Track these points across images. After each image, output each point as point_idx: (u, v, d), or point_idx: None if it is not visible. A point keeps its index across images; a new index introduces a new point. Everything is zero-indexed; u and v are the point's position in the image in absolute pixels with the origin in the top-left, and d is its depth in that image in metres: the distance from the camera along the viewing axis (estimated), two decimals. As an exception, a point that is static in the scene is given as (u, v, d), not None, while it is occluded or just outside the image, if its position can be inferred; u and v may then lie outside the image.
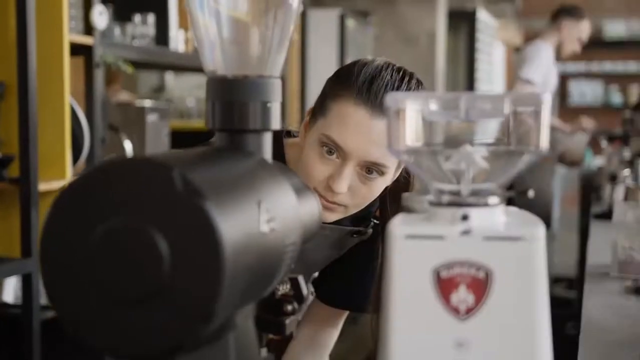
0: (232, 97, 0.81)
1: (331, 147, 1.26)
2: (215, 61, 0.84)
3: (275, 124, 0.83)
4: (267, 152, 0.83)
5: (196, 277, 0.61)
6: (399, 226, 0.70)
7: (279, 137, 1.41)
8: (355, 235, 1.43)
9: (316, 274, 1.51)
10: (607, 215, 2.86)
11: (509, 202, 0.73)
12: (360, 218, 1.42)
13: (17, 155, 2.34)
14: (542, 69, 4.47)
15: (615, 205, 2.07)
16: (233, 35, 0.83)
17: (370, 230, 1.42)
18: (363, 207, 1.32)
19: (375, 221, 1.44)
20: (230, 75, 0.83)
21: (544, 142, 0.70)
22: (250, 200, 0.69)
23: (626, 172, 3.13)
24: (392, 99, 0.72)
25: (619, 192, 2.98)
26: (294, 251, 0.77)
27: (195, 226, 0.61)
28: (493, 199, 0.71)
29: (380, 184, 1.29)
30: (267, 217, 0.70)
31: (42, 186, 2.38)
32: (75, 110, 2.55)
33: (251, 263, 0.66)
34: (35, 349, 2.34)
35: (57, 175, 2.46)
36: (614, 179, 3.24)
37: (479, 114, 0.71)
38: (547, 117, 0.70)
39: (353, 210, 1.31)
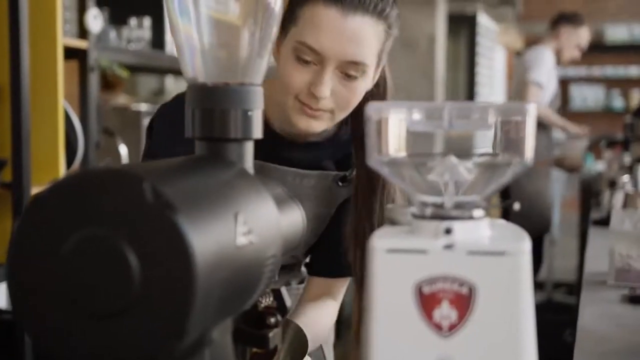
0: (213, 105, 0.80)
1: (307, 54, 1.24)
2: (196, 68, 0.82)
3: (257, 132, 0.81)
4: (249, 161, 0.81)
5: (167, 292, 0.59)
6: (380, 240, 0.68)
7: None
8: (341, 184, 1.41)
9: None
10: (606, 221, 2.83)
11: (505, 211, 0.71)
12: (342, 163, 1.41)
13: (9, 160, 2.32)
14: (547, 73, 4.47)
15: (613, 213, 2.05)
16: (213, 42, 0.81)
17: (354, 173, 1.40)
18: (348, 111, 1.29)
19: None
20: (210, 82, 0.81)
21: (529, 153, 0.68)
22: (227, 212, 0.66)
23: (625, 178, 3.11)
24: (373, 108, 0.70)
25: (618, 198, 2.96)
26: (274, 264, 0.75)
27: (166, 239, 0.59)
28: (478, 212, 0.69)
29: (362, 84, 1.27)
30: (244, 229, 0.68)
31: (35, 191, 2.35)
32: (69, 114, 2.53)
33: (226, 277, 0.64)
34: (28, 354, 2.32)
35: (51, 180, 2.44)
36: (613, 185, 3.22)
37: (463, 124, 0.69)
38: (532, 128, 0.68)
39: (340, 116, 1.29)
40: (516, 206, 0.69)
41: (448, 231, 0.68)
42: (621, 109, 9.92)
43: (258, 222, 0.71)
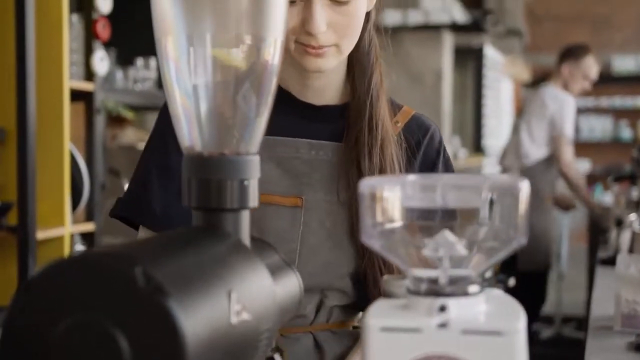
0: (209, 175, 0.79)
1: None
2: (192, 137, 0.82)
3: (254, 201, 0.81)
4: (245, 231, 0.81)
5: (159, 377, 0.59)
6: (374, 318, 0.67)
7: None
8: None
9: None
10: (613, 260, 2.82)
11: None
12: None
13: (15, 203, 2.33)
14: (574, 121, 4.49)
15: (618, 257, 2.03)
16: (210, 111, 0.81)
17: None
18: (354, 38, 1.21)
19: None
20: (206, 152, 0.81)
21: (522, 230, 0.68)
22: (220, 291, 0.66)
23: (632, 216, 3.09)
24: (366, 185, 0.69)
25: (625, 237, 2.95)
26: (269, 337, 0.75)
27: (157, 325, 0.59)
28: (473, 288, 0.69)
29: (358, 5, 1.19)
30: (238, 307, 0.68)
31: (41, 234, 2.36)
32: (75, 157, 2.54)
33: (219, 358, 0.64)
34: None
35: (56, 223, 2.45)
36: (620, 223, 3.20)
37: (456, 200, 0.69)
38: (525, 204, 0.68)
39: (347, 47, 1.21)
40: (511, 282, 0.68)
41: (442, 308, 0.67)
42: (629, 140, 9.92)
43: (252, 298, 0.71)
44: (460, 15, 5.54)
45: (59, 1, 2.44)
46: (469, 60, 7.25)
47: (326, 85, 1.30)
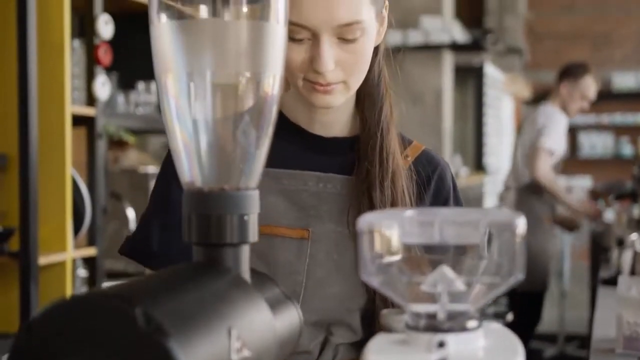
0: (209, 210, 0.80)
1: (296, 32, 1.15)
2: (192, 173, 0.83)
3: (253, 236, 0.82)
4: (245, 265, 0.81)
5: (159, 418, 0.59)
6: (374, 353, 0.68)
7: None
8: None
9: None
10: (615, 280, 2.82)
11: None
12: None
13: (17, 228, 2.33)
14: (559, 138, 4.47)
15: (619, 279, 2.04)
16: (210, 147, 0.82)
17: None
18: (361, 75, 1.20)
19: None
20: (207, 187, 0.82)
21: (520, 267, 0.68)
22: (220, 328, 0.67)
23: (634, 236, 3.09)
24: (363, 222, 0.70)
25: (627, 257, 2.95)
26: (269, 372, 0.75)
27: (158, 365, 0.59)
28: (471, 323, 0.69)
29: (366, 42, 1.18)
30: (238, 344, 0.68)
31: (43, 260, 2.37)
32: (77, 182, 2.55)
33: (219, 396, 0.64)
34: None
35: (58, 248, 2.45)
36: (621, 243, 3.20)
37: (454, 236, 0.70)
38: (522, 239, 0.68)
39: (355, 84, 1.20)
40: (509, 317, 0.68)
41: (441, 344, 0.68)
42: (630, 156, 9.93)
43: (252, 334, 0.71)
44: (460, 35, 5.57)
45: (60, 27, 2.46)
46: (470, 79, 7.28)
47: (335, 119, 1.29)
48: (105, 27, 2.64)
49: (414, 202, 1.24)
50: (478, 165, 7.39)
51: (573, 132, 10.23)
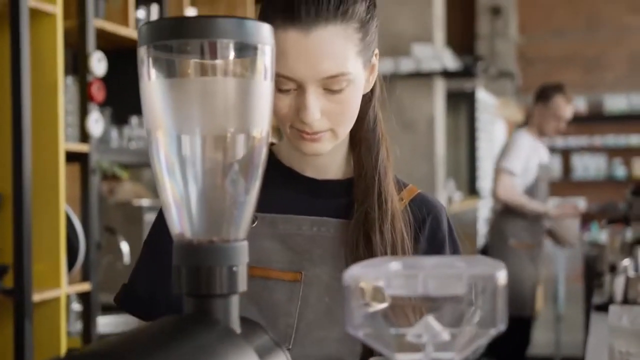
0: (199, 262, 0.82)
1: (283, 83, 1.16)
2: (182, 225, 0.84)
3: (242, 286, 0.84)
4: (234, 315, 0.83)
5: None
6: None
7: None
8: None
9: None
10: (607, 306, 2.83)
11: None
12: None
13: (11, 266, 2.34)
14: (523, 158, 4.45)
15: (610, 308, 2.05)
16: (199, 201, 0.84)
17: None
18: (349, 123, 1.21)
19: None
20: (196, 240, 0.83)
21: (501, 317, 0.70)
22: (210, 383, 0.68)
23: (626, 262, 3.11)
24: (349, 275, 0.72)
25: (619, 283, 2.96)
26: (259, 423, 0.77)
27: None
28: (456, 373, 0.71)
29: (353, 92, 1.18)
30: (228, 398, 0.70)
31: (37, 297, 2.38)
32: (71, 218, 2.56)
33: None
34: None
35: (52, 285, 2.46)
36: (613, 269, 3.21)
37: (437, 288, 0.72)
38: (503, 293, 0.70)
39: (343, 132, 1.21)
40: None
41: (427, 394, 0.69)
42: (624, 178, 9.99)
43: (242, 387, 0.73)
44: (451, 62, 5.62)
45: (54, 64, 2.48)
46: (462, 104, 7.32)
47: (327, 162, 1.30)
48: (98, 64, 2.67)
49: (411, 246, 1.25)
50: (471, 189, 7.42)
51: (566, 154, 10.28)
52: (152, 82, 0.81)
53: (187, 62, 0.85)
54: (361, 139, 1.29)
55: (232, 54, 0.81)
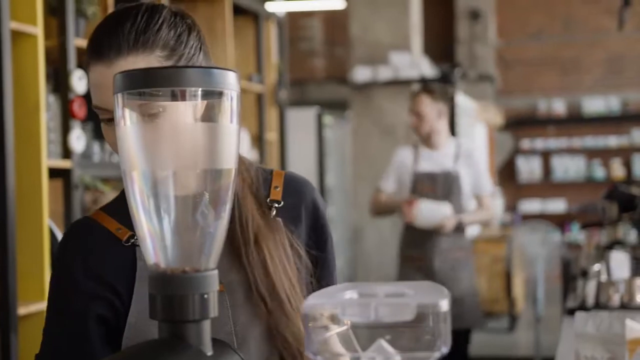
0: (172, 291, 0.89)
1: (103, 114, 1.21)
2: (156, 256, 0.91)
3: (214, 311, 0.91)
4: (206, 338, 0.90)
5: None
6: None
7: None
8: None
9: None
10: (579, 310, 2.90)
11: None
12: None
13: (-4, 280, 2.40)
14: (390, 175, 4.24)
15: (576, 315, 2.13)
16: (172, 234, 0.91)
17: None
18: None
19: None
20: (169, 270, 0.91)
21: (445, 341, 0.78)
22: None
23: (597, 267, 3.18)
24: (307, 305, 0.79)
25: (591, 288, 3.03)
26: None
27: None
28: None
29: (174, 117, 1.17)
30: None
31: (22, 310, 2.43)
32: (54, 232, 2.62)
33: None
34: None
35: (36, 298, 2.52)
36: (585, 274, 3.29)
37: (388, 315, 0.79)
38: (446, 318, 0.78)
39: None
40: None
41: (378, 412, 0.77)
42: (603, 179, 10.11)
43: (212, 407, 0.80)
44: (428, 70, 5.70)
45: (36, 83, 2.54)
46: (441, 109, 7.39)
47: None
48: (79, 82, 2.73)
49: (288, 249, 1.30)
50: (452, 193, 7.50)
51: (546, 156, 10.41)
52: (127, 127, 0.88)
53: (158, 108, 0.92)
54: None
55: (200, 100, 0.88)
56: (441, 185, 4.11)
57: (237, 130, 0.92)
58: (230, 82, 0.90)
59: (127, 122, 0.89)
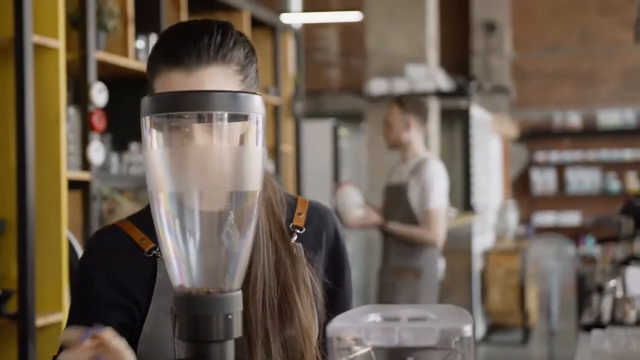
0: (197, 311, 0.90)
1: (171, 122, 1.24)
2: (182, 277, 0.93)
3: (237, 332, 0.92)
4: (229, 359, 0.91)
5: None
6: None
7: None
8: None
9: None
10: (595, 326, 2.89)
11: None
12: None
13: (15, 291, 2.42)
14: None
15: (593, 333, 2.13)
16: (197, 256, 0.92)
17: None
18: None
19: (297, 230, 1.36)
20: (194, 290, 0.92)
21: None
22: None
23: (612, 283, 3.17)
24: (332, 328, 0.80)
25: (607, 304, 3.02)
26: None
27: None
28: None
29: (235, 130, 1.26)
30: None
31: (40, 321, 2.46)
32: (72, 243, 2.64)
33: None
34: None
35: (55, 309, 2.54)
36: (600, 290, 3.28)
37: (411, 339, 0.80)
38: (470, 343, 0.78)
39: None
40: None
41: None
42: (618, 192, 10.07)
43: None
44: (444, 82, 5.70)
45: (57, 96, 2.57)
46: (456, 121, 7.40)
47: None
48: (99, 95, 2.75)
49: (309, 270, 1.31)
50: (466, 205, 7.50)
51: (561, 168, 10.37)
52: (154, 150, 0.90)
53: (185, 131, 0.93)
54: None
55: (226, 123, 0.90)
56: (391, 198, 4.03)
57: (262, 153, 0.93)
58: (256, 106, 0.92)
59: (154, 145, 0.91)
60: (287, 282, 1.28)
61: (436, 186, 3.92)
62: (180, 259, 0.92)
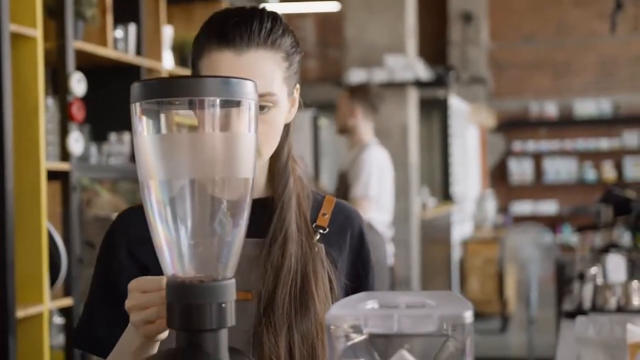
0: (190, 300, 0.89)
1: None
2: (174, 266, 0.91)
3: (231, 320, 0.90)
4: (223, 347, 0.90)
5: None
6: None
7: None
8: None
9: None
10: (577, 313, 2.90)
11: None
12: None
13: (-5, 282, 2.39)
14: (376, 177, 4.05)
15: (577, 319, 2.13)
16: (190, 244, 0.91)
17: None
18: (272, 145, 1.27)
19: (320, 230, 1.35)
20: (187, 279, 0.90)
21: (470, 352, 0.78)
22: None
23: (593, 270, 3.19)
24: (331, 316, 0.79)
25: (588, 291, 3.03)
26: None
27: None
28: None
29: (277, 114, 1.26)
30: None
31: (20, 313, 2.42)
32: (52, 234, 2.61)
33: None
34: None
35: (35, 300, 2.51)
36: (582, 277, 3.30)
37: (410, 326, 0.79)
38: (470, 329, 0.78)
39: (266, 151, 1.27)
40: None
41: None
42: (594, 181, 10.15)
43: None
44: (423, 72, 5.70)
45: (35, 86, 2.53)
46: (434, 111, 7.42)
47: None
48: (77, 84, 2.72)
49: (328, 270, 1.31)
50: (445, 195, 7.52)
51: (538, 158, 10.43)
52: (144, 137, 0.88)
53: (176, 117, 0.91)
54: (275, 171, 1.34)
55: (218, 110, 0.88)
56: (340, 184, 4.10)
57: (255, 139, 0.92)
58: (249, 92, 0.90)
59: (144, 131, 0.89)
60: (307, 274, 1.28)
61: (364, 174, 3.93)
62: (172, 248, 0.91)
